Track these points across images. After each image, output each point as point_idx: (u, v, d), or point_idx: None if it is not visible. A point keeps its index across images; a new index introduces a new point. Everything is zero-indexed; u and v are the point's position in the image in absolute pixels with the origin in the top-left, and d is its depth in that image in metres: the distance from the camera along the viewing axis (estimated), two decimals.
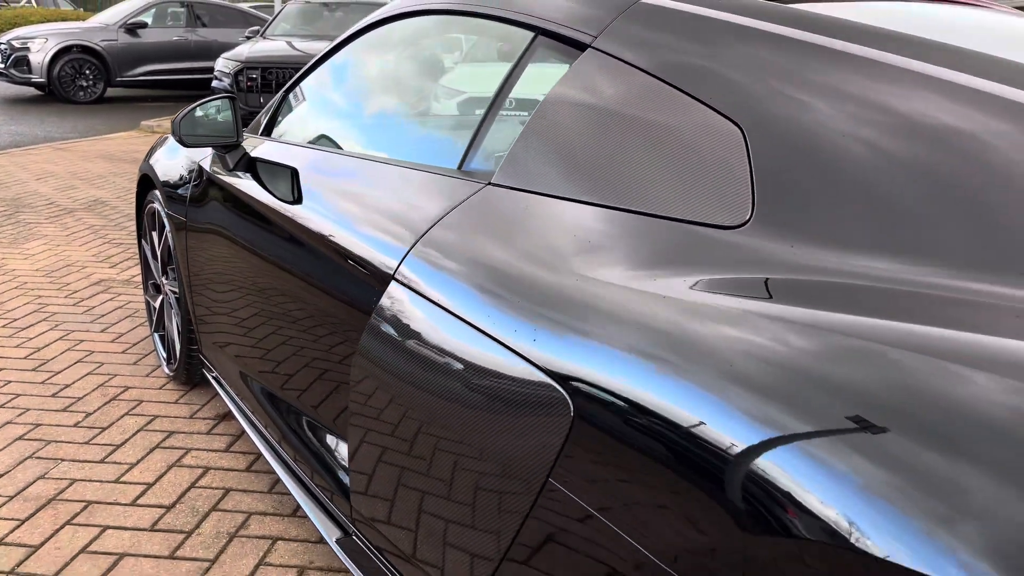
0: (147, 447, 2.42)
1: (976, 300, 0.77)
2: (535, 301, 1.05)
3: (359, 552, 1.56)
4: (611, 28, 1.27)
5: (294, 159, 1.88)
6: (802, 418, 0.72)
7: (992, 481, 0.61)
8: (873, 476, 0.65)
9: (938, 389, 0.68)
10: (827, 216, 0.90)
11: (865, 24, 1.08)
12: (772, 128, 0.99)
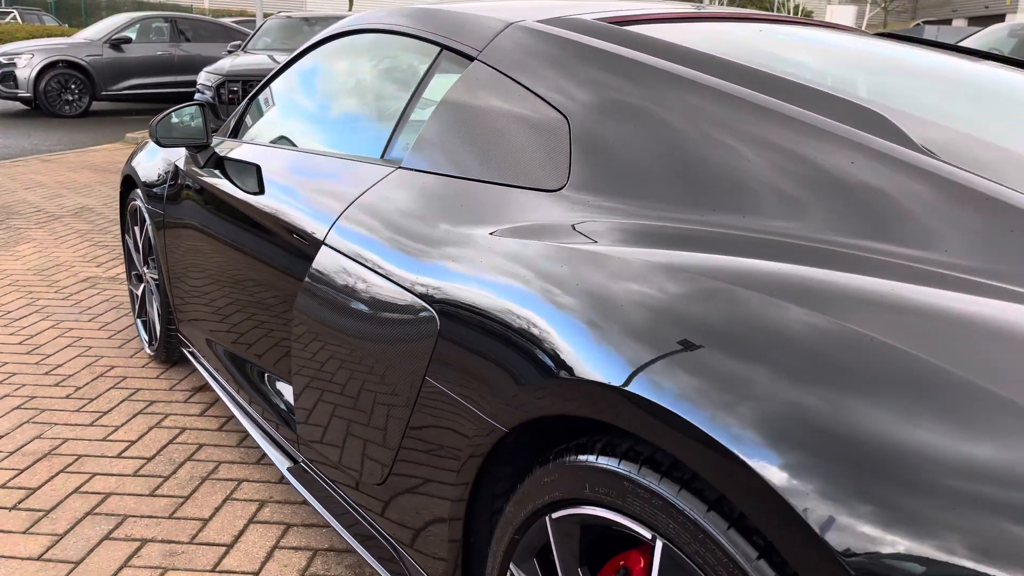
0: (131, 413, 2.74)
1: (711, 232, 1.12)
2: (419, 250, 1.40)
3: (306, 477, 1.89)
4: (491, 45, 1.63)
5: (255, 156, 2.23)
6: (597, 311, 1.06)
7: (768, 376, 0.82)
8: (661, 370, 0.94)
9: (703, 299, 1.00)
10: (617, 180, 1.26)
11: (663, 41, 1.43)
12: (587, 119, 1.35)
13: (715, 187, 1.16)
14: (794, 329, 0.86)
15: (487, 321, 1.19)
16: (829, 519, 0.74)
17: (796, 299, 0.89)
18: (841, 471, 0.75)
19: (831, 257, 0.98)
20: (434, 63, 1.79)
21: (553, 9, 1.73)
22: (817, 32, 1.87)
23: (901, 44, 1.89)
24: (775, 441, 0.79)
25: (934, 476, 0.70)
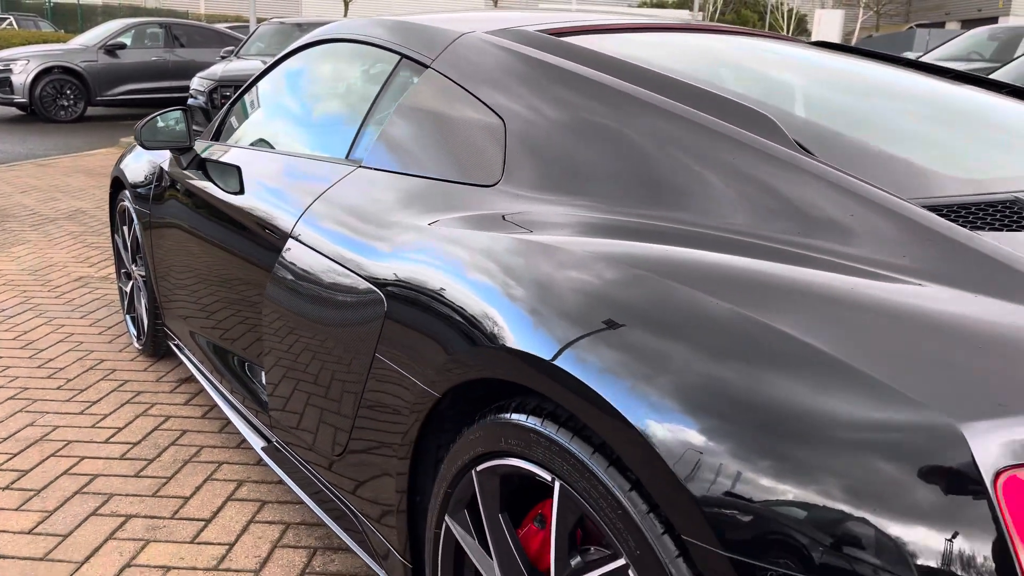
0: (119, 403, 2.89)
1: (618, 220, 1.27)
2: (370, 240, 1.55)
3: (278, 456, 2.04)
4: (443, 55, 1.78)
5: (233, 158, 2.37)
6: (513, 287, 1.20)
7: (639, 341, 0.96)
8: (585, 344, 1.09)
9: (623, 283, 1.14)
10: (544, 176, 1.41)
11: (590, 50, 1.59)
12: (520, 122, 1.50)
13: (625, 182, 1.31)
14: (664, 302, 1.01)
15: (424, 300, 1.34)
16: (680, 457, 0.89)
17: (669, 275, 1.04)
18: (690, 420, 0.90)
19: (714, 241, 1.13)
20: (394, 71, 1.94)
21: (503, 21, 1.89)
22: (746, 40, 2.03)
23: (828, 52, 2.05)
24: (642, 394, 0.94)
25: (778, 422, 0.85)
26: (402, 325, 1.39)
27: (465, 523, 1.30)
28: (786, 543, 0.80)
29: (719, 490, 0.85)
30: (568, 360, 1.03)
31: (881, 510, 0.76)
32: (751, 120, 1.26)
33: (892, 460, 0.77)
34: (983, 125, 1.63)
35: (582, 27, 1.85)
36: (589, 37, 1.77)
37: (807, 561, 0.79)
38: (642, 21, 2.03)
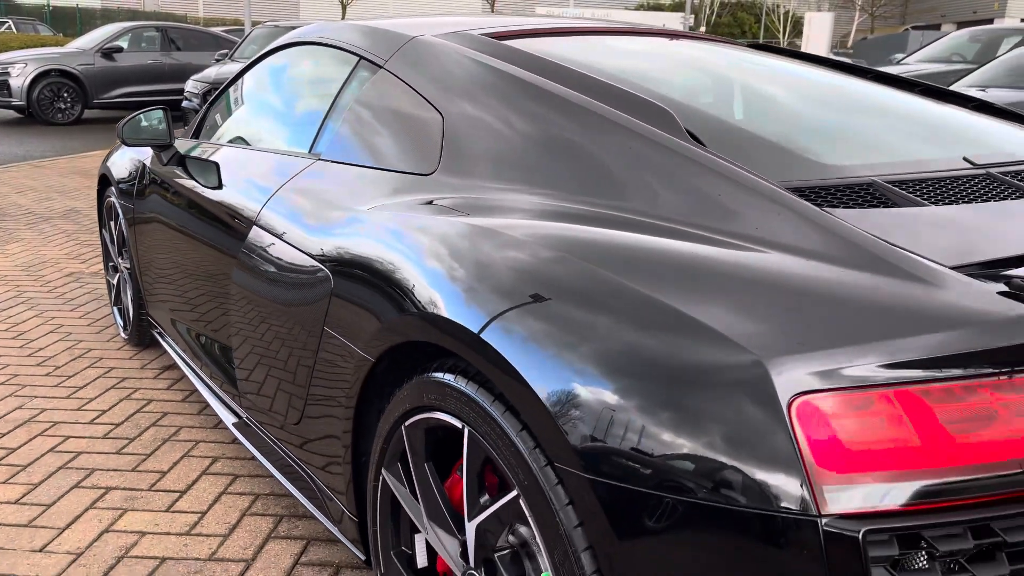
0: (104, 388, 3.04)
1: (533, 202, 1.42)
2: (321, 224, 1.70)
3: (248, 430, 2.19)
4: (394, 56, 1.93)
5: (210, 154, 2.52)
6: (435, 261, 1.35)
7: (562, 311, 1.09)
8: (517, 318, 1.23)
9: (548, 260, 1.28)
10: (474, 165, 1.56)
11: (524, 51, 1.74)
12: (456, 116, 1.65)
13: (540, 170, 1.46)
14: (554, 271, 1.16)
15: (362, 276, 1.49)
16: (555, 401, 1.04)
17: (559, 248, 1.19)
18: (561, 370, 1.05)
19: (609, 220, 1.28)
20: (353, 71, 2.09)
21: (454, 25, 2.04)
22: (674, 42, 2.18)
23: (754, 53, 2.20)
24: (529, 352, 1.09)
25: (631, 368, 1.00)
26: (345, 300, 1.54)
27: (398, 474, 1.45)
28: (631, 464, 0.95)
29: (582, 426, 1.00)
30: (471, 321, 1.18)
31: (703, 432, 0.91)
32: (652, 114, 1.41)
33: (715, 391, 0.92)
34: (866, 118, 1.78)
35: (523, 30, 2.00)
36: (528, 40, 1.92)
37: (648, 478, 0.94)
38: (582, 25, 2.18)
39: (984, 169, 1.39)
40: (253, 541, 2.09)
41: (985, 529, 0.86)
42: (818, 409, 0.87)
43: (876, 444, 0.86)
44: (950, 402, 0.88)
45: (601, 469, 0.98)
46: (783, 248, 1.11)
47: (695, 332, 0.97)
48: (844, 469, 0.86)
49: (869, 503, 0.85)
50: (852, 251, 1.06)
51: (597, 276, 1.11)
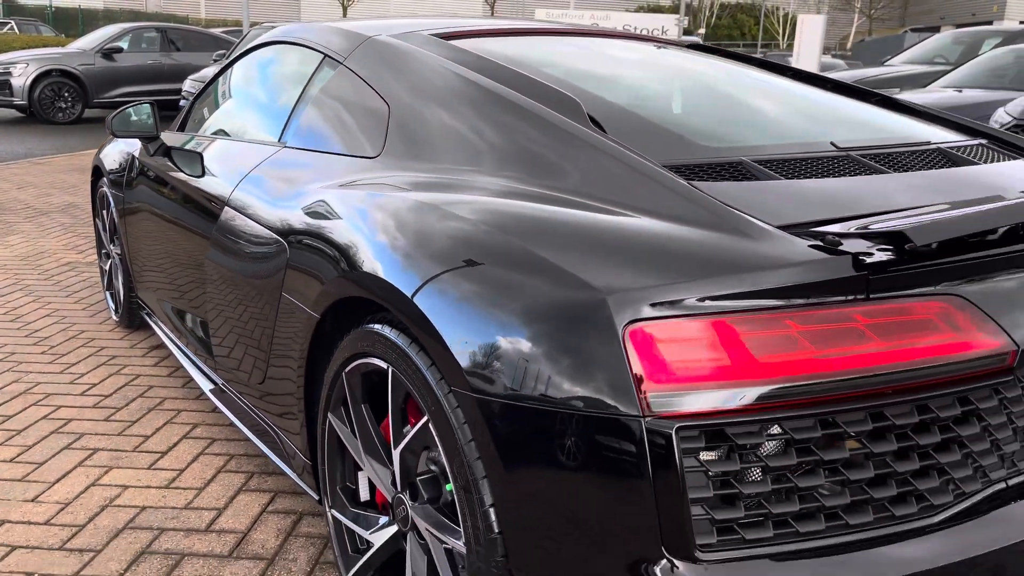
0: (95, 365, 3.25)
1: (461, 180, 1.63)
2: (280, 201, 1.92)
3: (224, 397, 2.40)
4: (352, 54, 2.14)
5: (192, 145, 2.74)
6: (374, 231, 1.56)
7: (496, 272, 1.29)
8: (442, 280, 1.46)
9: (473, 229, 1.49)
10: (413, 148, 1.77)
11: (464, 50, 1.95)
12: (401, 106, 1.86)
13: (465, 151, 1.67)
14: (455, 234, 1.37)
15: (311, 244, 1.71)
16: (453, 339, 1.25)
17: (471, 216, 1.40)
18: (457, 314, 1.26)
19: (519, 193, 1.49)
20: (318, 67, 2.30)
21: (408, 26, 2.25)
22: (604, 40, 2.40)
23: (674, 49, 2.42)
24: (434, 299, 1.30)
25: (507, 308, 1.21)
26: (298, 267, 1.75)
27: (341, 416, 1.66)
28: (509, 383, 1.17)
29: (473, 356, 1.21)
30: (391, 275, 1.40)
31: (560, 355, 1.12)
32: (562, 103, 1.62)
33: (570, 322, 1.13)
34: (755, 108, 2.00)
35: (470, 31, 2.21)
36: (473, 40, 2.13)
37: (521, 393, 1.15)
38: (528, 27, 2.39)
39: (845, 152, 1.60)
40: (225, 493, 2.30)
41: (777, 427, 1.07)
42: (646, 333, 1.08)
43: (692, 362, 1.07)
44: (754, 329, 1.09)
45: (486, 389, 1.19)
46: (651, 214, 1.31)
47: (560, 278, 1.18)
48: (664, 381, 1.07)
49: (682, 407, 1.06)
50: (701, 214, 1.27)
51: (495, 237, 1.32)
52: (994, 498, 1.20)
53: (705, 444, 1.06)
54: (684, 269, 1.14)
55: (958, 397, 1.15)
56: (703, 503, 1.06)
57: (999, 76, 7.65)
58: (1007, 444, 1.22)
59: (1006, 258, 1.22)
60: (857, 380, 1.10)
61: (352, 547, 1.72)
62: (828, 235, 1.18)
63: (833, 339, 1.10)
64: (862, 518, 1.11)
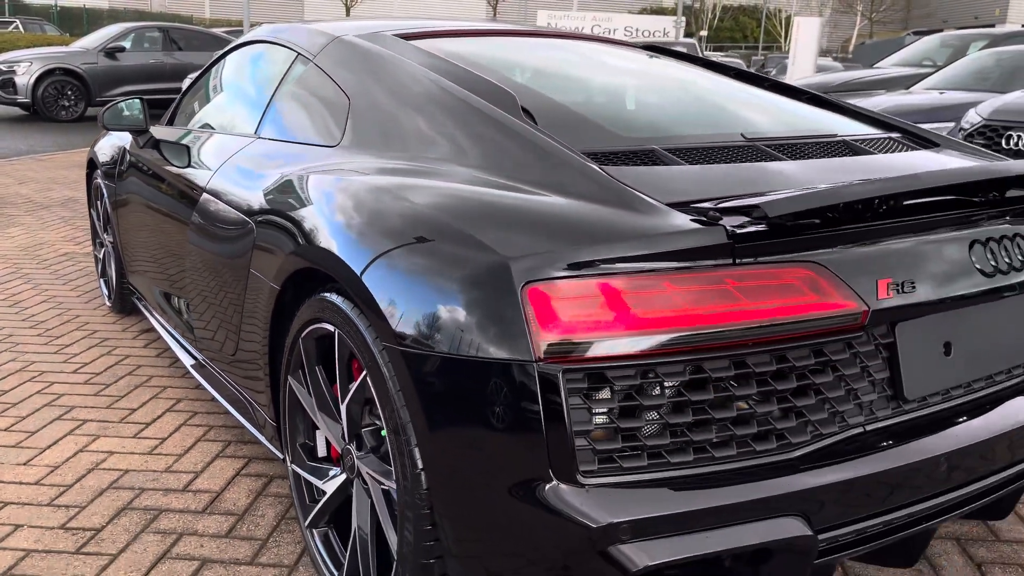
0: (88, 346, 3.44)
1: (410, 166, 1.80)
2: (250, 185, 2.10)
3: (204, 371, 2.58)
4: (321, 52, 2.32)
5: (178, 137, 2.92)
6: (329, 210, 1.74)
7: (424, 245, 1.49)
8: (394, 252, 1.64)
9: (409, 204, 1.68)
10: (369, 137, 1.95)
11: (420, 49, 2.12)
12: (360, 98, 2.04)
13: (414, 140, 1.85)
14: (393, 210, 1.55)
15: (273, 222, 1.89)
16: (385, 301, 1.43)
17: (408, 194, 1.58)
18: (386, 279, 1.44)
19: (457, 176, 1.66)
20: (291, 65, 2.48)
21: (374, 27, 2.43)
22: (553, 41, 2.58)
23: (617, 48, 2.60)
24: (371, 268, 1.48)
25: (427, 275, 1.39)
26: (263, 245, 1.93)
27: (299, 379, 1.84)
28: (429, 335, 1.34)
29: (400, 313, 1.39)
30: (336, 247, 1.58)
31: (470, 311, 1.30)
32: (499, 97, 1.80)
33: (479, 283, 1.31)
34: (679, 102, 2.19)
35: (431, 32, 2.39)
36: (432, 40, 2.31)
37: (438, 344, 1.33)
38: (488, 28, 2.57)
39: (752, 142, 1.78)
40: (203, 459, 2.48)
41: (651, 372, 1.25)
42: (540, 292, 1.26)
43: (578, 316, 1.25)
44: (634, 289, 1.27)
45: (411, 343, 1.37)
46: (564, 193, 1.49)
47: (474, 246, 1.36)
48: (554, 332, 1.24)
49: (569, 354, 1.24)
50: (603, 193, 1.44)
51: (422, 213, 1.50)
52: (852, 440, 1.37)
53: (588, 386, 1.24)
54: (578, 238, 1.32)
55: (813, 349, 1.33)
56: (585, 435, 1.24)
57: (980, 78, 7.80)
58: (865, 394, 1.40)
59: (862, 231, 1.40)
60: (724, 333, 1.27)
61: (309, 497, 1.90)
62: (707, 210, 1.36)
63: (704, 298, 1.28)
64: (726, 452, 1.28)
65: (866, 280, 1.37)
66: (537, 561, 1.28)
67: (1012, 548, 2.06)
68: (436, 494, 1.38)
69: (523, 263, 1.28)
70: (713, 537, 1.24)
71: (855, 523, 1.36)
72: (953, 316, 1.49)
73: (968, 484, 1.48)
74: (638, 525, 1.22)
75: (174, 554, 2.01)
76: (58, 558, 1.98)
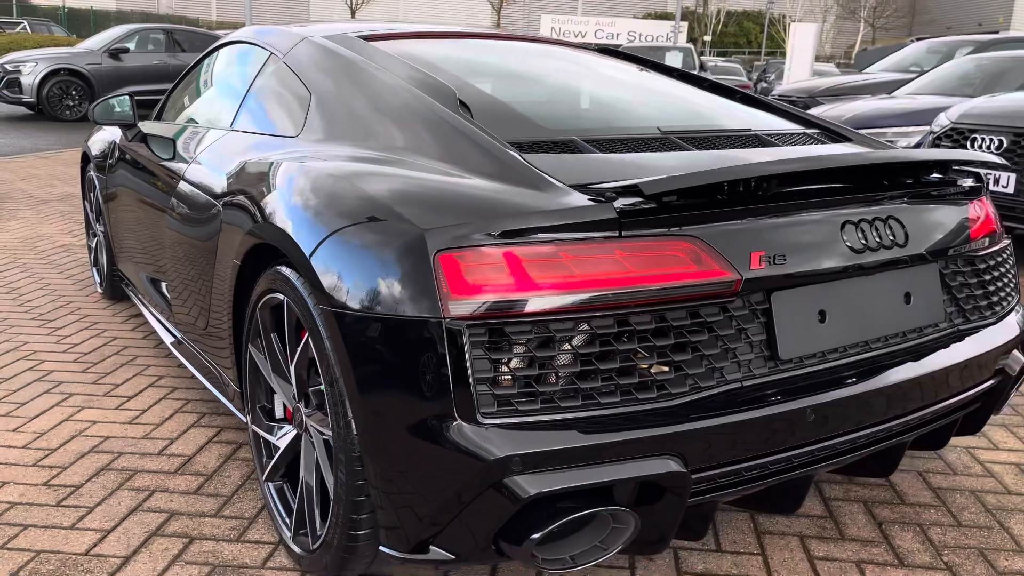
0: (79, 329, 3.64)
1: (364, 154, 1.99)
2: (220, 173, 2.30)
3: (182, 348, 2.78)
4: (290, 52, 2.52)
5: (163, 131, 3.12)
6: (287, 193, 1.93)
7: (357, 221, 1.70)
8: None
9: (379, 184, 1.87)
10: (327, 128, 2.14)
11: (379, 49, 2.32)
12: (321, 93, 2.24)
13: (364, 130, 2.04)
14: (337, 191, 1.74)
15: (237, 204, 2.08)
16: (321, 268, 1.62)
17: (351, 176, 1.78)
18: (327, 251, 1.63)
19: (395, 162, 1.86)
20: (264, 64, 2.68)
21: (340, 29, 2.63)
22: (506, 43, 2.77)
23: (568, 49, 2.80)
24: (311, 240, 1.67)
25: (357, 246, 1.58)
26: (228, 225, 2.13)
27: (258, 346, 2.04)
28: (354, 296, 1.54)
29: (332, 280, 1.59)
30: (282, 223, 1.77)
31: (390, 275, 1.50)
32: (440, 93, 2.00)
33: (399, 252, 1.50)
34: (606, 98, 2.38)
35: (391, 34, 2.59)
36: (391, 41, 2.51)
37: (362, 304, 1.52)
38: (445, 30, 2.77)
39: (666, 135, 1.97)
40: (179, 428, 2.68)
41: (545, 329, 1.44)
42: (450, 258, 1.45)
43: (483, 279, 1.44)
44: (532, 257, 1.46)
45: (342, 305, 1.56)
46: (485, 176, 1.68)
47: (398, 220, 1.55)
48: (460, 294, 1.43)
49: (473, 312, 1.43)
50: (517, 176, 1.64)
51: (359, 192, 1.69)
52: (730, 393, 1.56)
53: (488, 340, 1.43)
54: (487, 214, 1.51)
55: (691, 312, 1.52)
56: (486, 382, 1.43)
57: (959, 84, 7.98)
58: (743, 353, 1.58)
59: (738, 210, 1.59)
60: (611, 297, 1.46)
61: (267, 454, 2.09)
62: (603, 191, 1.55)
63: (594, 266, 1.47)
64: (610, 399, 1.47)
65: (740, 252, 1.56)
66: (444, 492, 1.47)
67: (914, 510, 2.24)
68: (363, 438, 1.57)
69: (436, 234, 1.48)
70: (595, 471, 1.43)
71: (728, 466, 1.55)
72: (827, 288, 1.68)
73: (838, 436, 1.67)
74: (529, 459, 1.41)
75: (146, 507, 2.20)
76: (40, 509, 2.18)
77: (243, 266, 2.03)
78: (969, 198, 2.01)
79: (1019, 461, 2.55)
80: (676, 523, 1.53)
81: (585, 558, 1.50)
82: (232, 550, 2.02)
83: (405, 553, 1.57)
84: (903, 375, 1.74)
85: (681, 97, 2.43)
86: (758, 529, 2.13)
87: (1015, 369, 2.01)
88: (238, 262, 2.02)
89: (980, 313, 2.00)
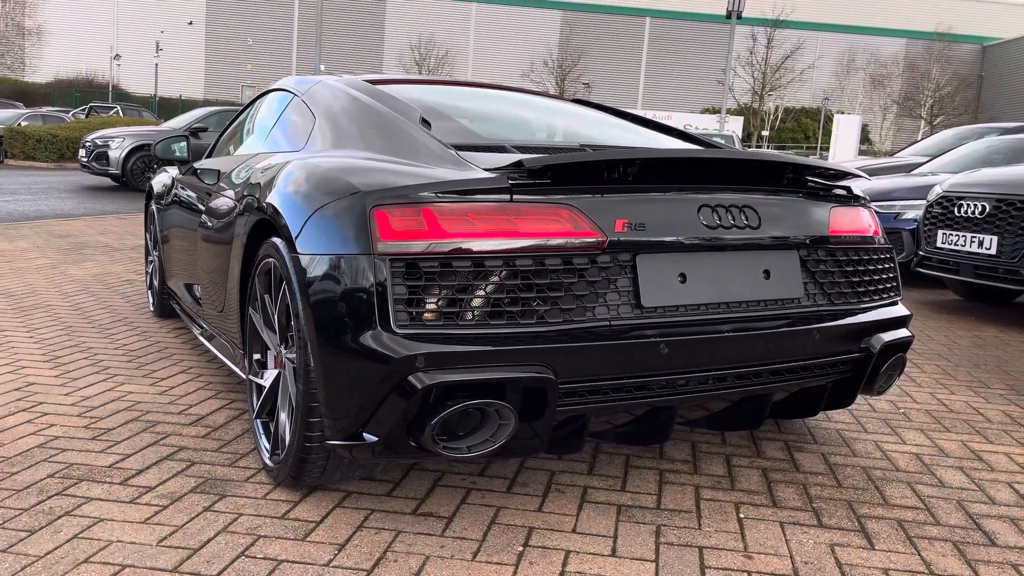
0: (129, 334, 4.23)
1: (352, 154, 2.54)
2: (239, 181, 2.87)
3: (206, 333, 3.32)
4: (307, 91, 3.13)
5: (209, 165, 3.76)
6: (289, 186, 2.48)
7: (325, 197, 2.27)
8: None
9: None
10: (322, 143, 2.71)
11: (381, 91, 2.90)
12: (323, 118, 2.82)
13: (353, 142, 2.60)
14: (318, 176, 2.28)
15: (242, 195, 2.64)
16: (296, 229, 2.14)
17: (324, 168, 2.31)
18: (297, 219, 2.15)
19: (373, 159, 2.39)
20: (289, 102, 3.30)
21: (356, 77, 3.23)
22: (495, 91, 3.34)
23: (549, 99, 3.34)
24: (290, 212, 2.20)
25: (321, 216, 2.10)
26: (239, 217, 2.68)
27: (255, 307, 2.55)
28: (312, 241, 2.04)
29: (301, 231, 2.10)
30: (272, 198, 2.31)
31: (339, 225, 2.00)
32: (406, 112, 2.55)
33: (347, 208, 2.01)
34: (545, 124, 2.90)
35: (395, 79, 3.19)
36: (392, 85, 3.10)
37: (316, 247, 2.02)
38: (441, 79, 3.36)
39: (583, 147, 2.47)
40: (200, 399, 3.19)
41: (448, 266, 1.92)
42: (381, 212, 1.95)
43: (407, 226, 1.93)
44: (444, 213, 1.95)
45: (304, 250, 2.07)
46: (425, 164, 2.20)
47: (347, 185, 2.07)
48: (387, 237, 1.93)
49: (395, 251, 1.92)
50: (447, 162, 2.15)
51: (326, 174, 2.23)
52: (599, 327, 2.00)
53: (405, 271, 1.91)
54: (414, 182, 2.02)
55: (565, 260, 1.98)
56: (401, 302, 1.90)
57: (971, 163, 8.32)
58: (611, 299, 2.03)
59: (608, 187, 2.06)
60: (502, 244, 1.94)
61: (257, 395, 2.58)
62: (502, 168, 2.05)
63: (490, 223, 1.96)
64: (498, 320, 1.93)
65: (606, 219, 2.02)
66: (370, 386, 1.93)
67: (805, 476, 2.59)
68: (313, 351, 2.05)
69: (373, 194, 1.99)
70: (481, 371, 1.88)
71: (591, 381, 1.97)
72: (688, 256, 2.12)
73: (692, 373, 2.08)
74: (429, 358, 1.87)
75: (162, 443, 2.70)
76: (79, 442, 2.69)
77: (248, 244, 2.57)
78: (840, 203, 2.44)
79: (919, 452, 2.86)
80: (549, 424, 1.95)
81: (479, 448, 1.94)
82: (224, 472, 2.49)
83: (344, 440, 2.02)
84: (756, 331, 2.15)
85: (617, 128, 2.94)
86: (785, 535, 2.50)
87: (875, 348, 2.39)
88: (244, 239, 2.57)
89: (845, 299, 2.39)
